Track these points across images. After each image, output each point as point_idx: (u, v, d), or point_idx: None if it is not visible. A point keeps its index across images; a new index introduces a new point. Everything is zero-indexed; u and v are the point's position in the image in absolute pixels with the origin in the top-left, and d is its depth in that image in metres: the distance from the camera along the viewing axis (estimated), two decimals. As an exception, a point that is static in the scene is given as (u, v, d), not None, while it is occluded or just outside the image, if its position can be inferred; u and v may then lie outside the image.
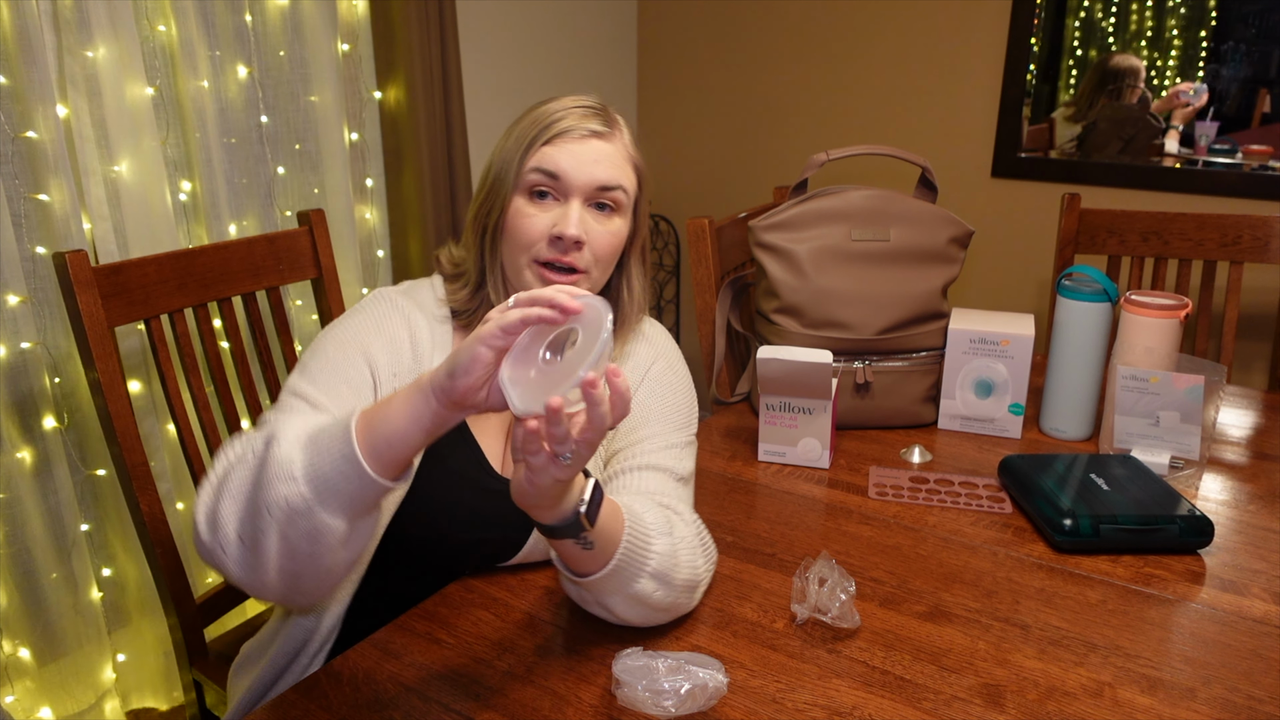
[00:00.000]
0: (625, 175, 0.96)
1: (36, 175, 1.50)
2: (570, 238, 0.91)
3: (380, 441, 0.70)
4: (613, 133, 0.97)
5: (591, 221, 0.94)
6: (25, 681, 1.61)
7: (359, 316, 0.96)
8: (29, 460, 1.56)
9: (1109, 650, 0.87)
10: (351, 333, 0.94)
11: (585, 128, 0.94)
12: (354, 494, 0.71)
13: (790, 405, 1.24)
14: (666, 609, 0.87)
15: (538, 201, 0.94)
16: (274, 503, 0.71)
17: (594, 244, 0.93)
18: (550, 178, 0.93)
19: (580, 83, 2.74)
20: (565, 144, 0.93)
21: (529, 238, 0.93)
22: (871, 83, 2.53)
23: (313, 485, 0.70)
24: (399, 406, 0.71)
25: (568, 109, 0.95)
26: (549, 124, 0.94)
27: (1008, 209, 2.40)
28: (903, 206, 1.35)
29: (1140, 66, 2.15)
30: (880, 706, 0.79)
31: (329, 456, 0.71)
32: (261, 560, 0.73)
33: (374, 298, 0.99)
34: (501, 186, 0.95)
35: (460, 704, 0.80)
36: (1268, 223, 1.70)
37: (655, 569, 0.84)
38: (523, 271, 0.94)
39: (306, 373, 0.91)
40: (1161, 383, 1.19)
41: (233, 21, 1.77)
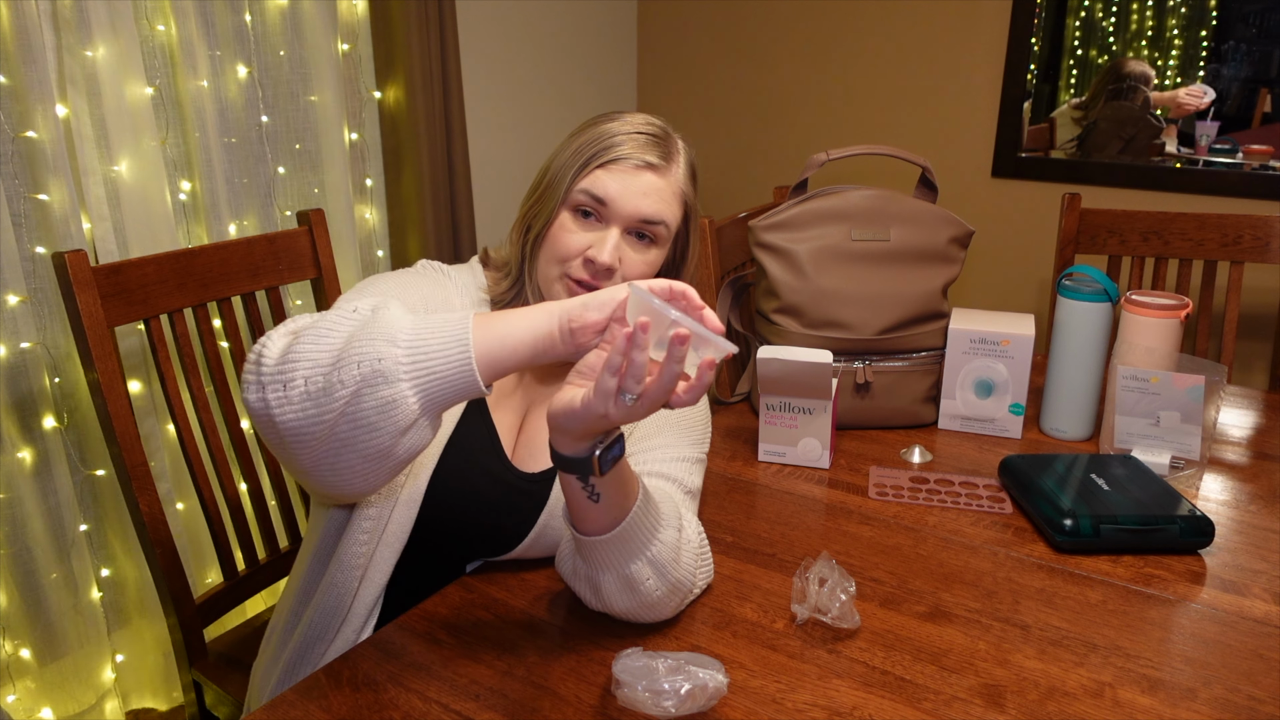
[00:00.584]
0: (670, 210, 0.98)
1: (36, 175, 1.50)
2: (602, 265, 0.93)
3: (494, 340, 0.71)
4: (669, 166, 0.98)
5: (629, 250, 0.96)
6: (26, 681, 1.61)
7: (411, 275, 0.99)
8: (29, 460, 1.56)
9: (1109, 650, 0.87)
10: (407, 283, 0.96)
11: (641, 158, 0.96)
12: (445, 377, 0.70)
13: (790, 405, 1.24)
14: (652, 605, 0.87)
15: (581, 220, 0.96)
16: (366, 357, 0.68)
17: (627, 271, 0.96)
18: (597, 202, 0.95)
19: (580, 83, 2.74)
20: (618, 171, 0.95)
21: (565, 253, 0.95)
22: (871, 83, 2.53)
23: (411, 354, 0.69)
24: (521, 316, 0.72)
25: (629, 134, 0.96)
26: (607, 146, 0.96)
27: (1008, 209, 2.40)
28: (903, 206, 1.35)
29: (1150, 73, 2.15)
30: (880, 707, 0.79)
31: (439, 334, 0.70)
32: (319, 414, 0.69)
33: (422, 266, 1.02)
34: (551, 197, 0.97)
35: (460, 704, 0.80)
36: (1268, 223, 1.70)
37: (654, 555, 0.84)
38: (553, 283, 0.97)
39: (363, 294, 0.90)
40: (1162, 383, 1.19)
41: (232, 21, 1.77)
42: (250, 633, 1.32)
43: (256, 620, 1.36)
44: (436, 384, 0.70)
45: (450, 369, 0.70)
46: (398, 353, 0.69)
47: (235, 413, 1.34)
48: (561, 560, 0.91)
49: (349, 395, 0.68)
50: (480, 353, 0.70)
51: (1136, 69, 2.17)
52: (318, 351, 0.70)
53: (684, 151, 1.02)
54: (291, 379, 0.70)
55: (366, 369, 0.68)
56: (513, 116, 2.52)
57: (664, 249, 1.00)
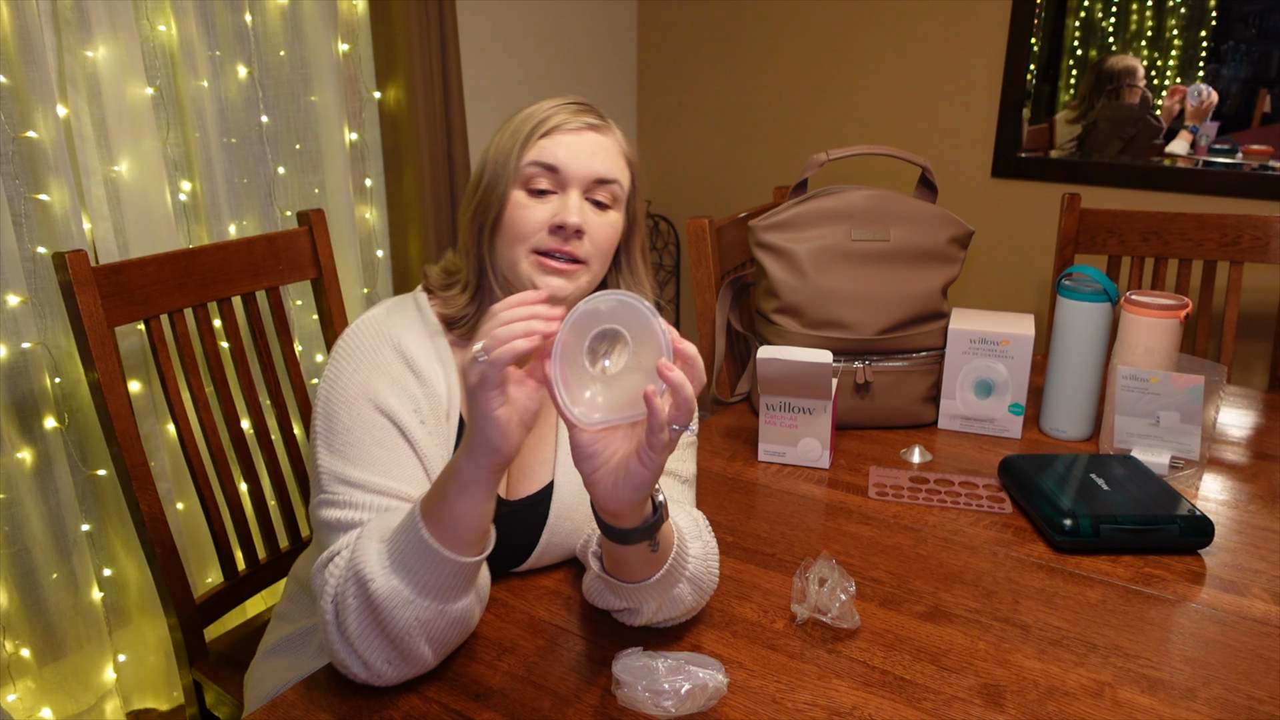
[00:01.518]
0: (621, 170, 0.96)
1: (37, 175, 1.50)
2: (572, 225, 0.90)
3: (460, 531, 0.75)
4: (607, 126, 0.97)
5: (590, 214, 0.93)
6: (26, 681, 1.61)
7: (352, 364, 0.92)
8: (29, 460, 1.56)
9: (1109, 650, 0.87)
10: (355, 387, 0.91)
11: (581, 120, 0.94)
12: (467, 576, 0.78)
13: (790, 405, 1.24)
14: (687, 612, 0.90)
15: (536, 195, 0.93)
16: (408, 626, 0.77)
17: (594, 235, 0.93)
18: (548, 170, 0.92)
19: (580, 83, 2.74)
20: (562, 136, 0.93)
21: (528, 228, 0.92)
22: (871, 83, 2.53)
23: (432, 595, 0.76)
24: (455, 495, 0.74)
25: (560, 105, 0.95)
26: (545, 118, 0.93)
27: (1008, 209, 2.40)
28: (903, 206, 1.35)
29: (1138, 66, 2.15)
30: (880, 706, 0.79)
31: (429, 570, 0.75)
32: (418, 662, 0.80)
33: (357, 332, 0.95)
34: (498, 183, 0.94)
35: (460, 704, 0.80)
36: (1268, 223, 1.70)
37: (692, 573, 0.87)
38: (519, 264, 0.92)
39: (334, 449, 0.89)
40: (1161, 383, 1.19)
41: (233, 21, 1.77)
42: (251, 632, 1.32)
43: (257, 620, 1.36)
44: (464, 582, 0.78)
45: (463, 574, 0.77)
46: (421, 604, 0.77)
47: (235, 413, 1.34)
48: (591, 595, 0.91)
49: (426, 642, 0.79)
50: (464, 546, 0.76)
51: (1121, 64, 2.17)
52: (374, 644, 0.79)
53: (614, 121, 1.00)
54: (381, 673, 0.80)
55: (419, 629, 0.78)
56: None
57: (621, 211, 0.97)
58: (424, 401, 0.92)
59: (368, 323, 0.96)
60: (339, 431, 0.89)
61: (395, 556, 0.76)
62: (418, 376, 0.93)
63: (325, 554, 0.83)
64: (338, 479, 0.87)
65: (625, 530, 0.78)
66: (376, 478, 0.87)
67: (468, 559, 0.76)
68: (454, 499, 0.74)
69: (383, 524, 0.80)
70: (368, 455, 0.87)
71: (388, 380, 0.91)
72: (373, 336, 0.94)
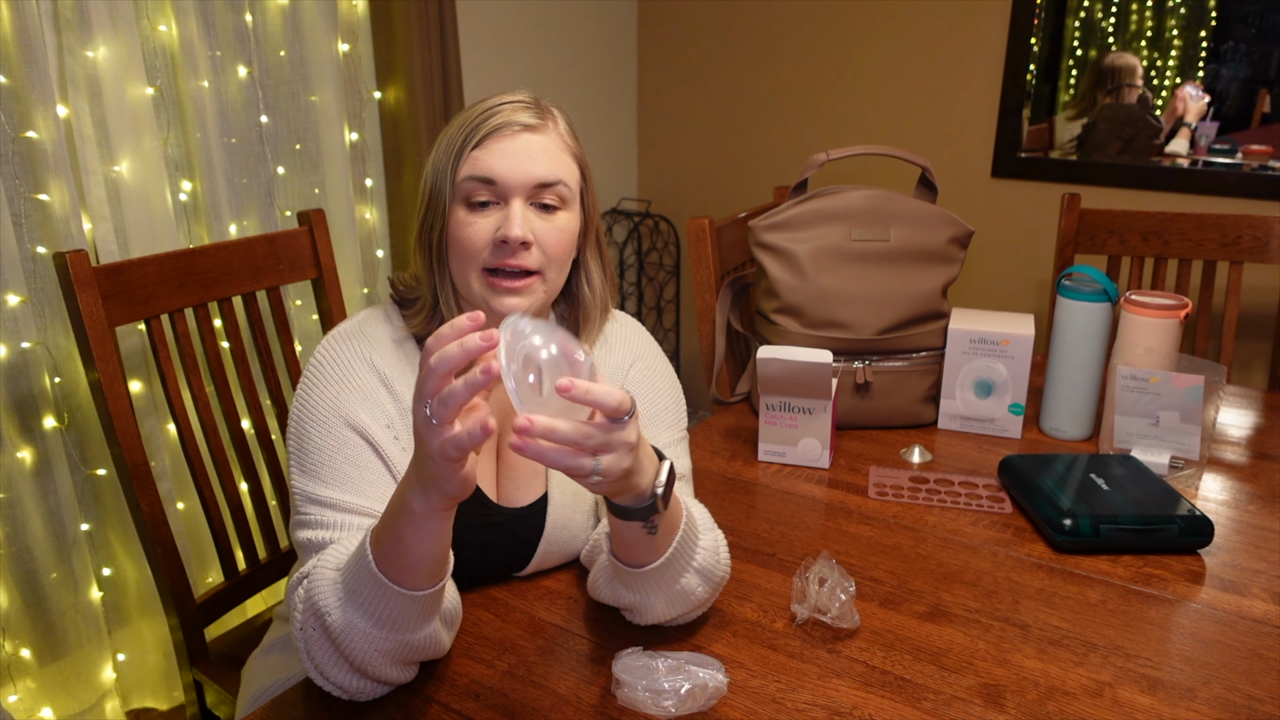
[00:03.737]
0: (565, 168, 0.90)
1: (37, 175, 1.50)
2: (515, 239, 0.86)
3: (413, 563, 0.72)
4: (546, 124, 0.91)
5: (537, 220, 0.88)
6: (26, 681, 1.61)
7: (323, 382, 0.90)
8: (29, 460, 1.56)
9: (1109, 650, 0.87)
10: (326, 405, 0.88)
11: (516, 122, 0.88)
12: (425, 607, 0.75)
13: (790, 405, 1.24)
14: (698, 605, 0.88)
15: (478, 210, 0.88)
16: (369, 656, 0.75)
17: (543, 243, 0.88)
18: (485, 183, 0.87)
19: (580, 83, 2.74)
20: (496, 144, 0.87)
21: (473, 247, 0.88)
22: (871, 83, 2.53)
23: (389, 627, 0.74)
24: (409, 533, 0.71)
25: (494, 107, 0.90)
26: (476, 125, 0.88)
27: (1008, 209, 2.40)
28: (903, 206, 1.35)
29: (1136, 64, 2.15)
30: (880, 706, 0.79)
31: (383, 604, 0.73)
32: (391, 682, 0.80)
33: (328, 349, 0.92)
34: (439, 200, 0.90)
35: (460, 704, 0.80)
36: (1267, 223, 1.70)
37: (700, 564, 0.85)
38: (471, 284, 0.89)
39: (306, 470, 0.87)
40: (1161, 383, 1.20)
41: (233, 21, 1.77)
42: (251, 632, 1.32)
43: (257, 620, 1.36)
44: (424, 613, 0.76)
45: (420, 606, 0.74)
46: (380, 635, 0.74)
47: (235, 412, 1.34)
48: (597, 588, 0.90)
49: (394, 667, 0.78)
50: (420, 579, 0.73)
51: (1120, 62, 2.17)
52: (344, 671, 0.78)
53: (559, 112, 0.94)
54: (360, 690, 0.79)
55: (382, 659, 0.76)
56: (513, 116, 2.52)
57: (573, 212, 0.92)
58: (396, 415, 0.90)
59: (339, 338, 0.93)
60: (311, 451, 0.87)
61: (349, 589, 0.74)
62: (389, 390, 0.91)
63: (296, 575, 0.82)
64: (311, 499, 0.85)
65: (622, 507, 0.76)
66: (349, 497, 0.85)
67: (422, 591, 0.73)
68: (408, 538, 0.71)
69: (340, 551, 0.79)
70: (340, 474, 0.86)
71: (359, 396, 0.89)
72: (345, 353, 0.91)
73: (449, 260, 0.91)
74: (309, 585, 0.77)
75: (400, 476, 0.88)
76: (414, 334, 0.94)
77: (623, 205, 2.98)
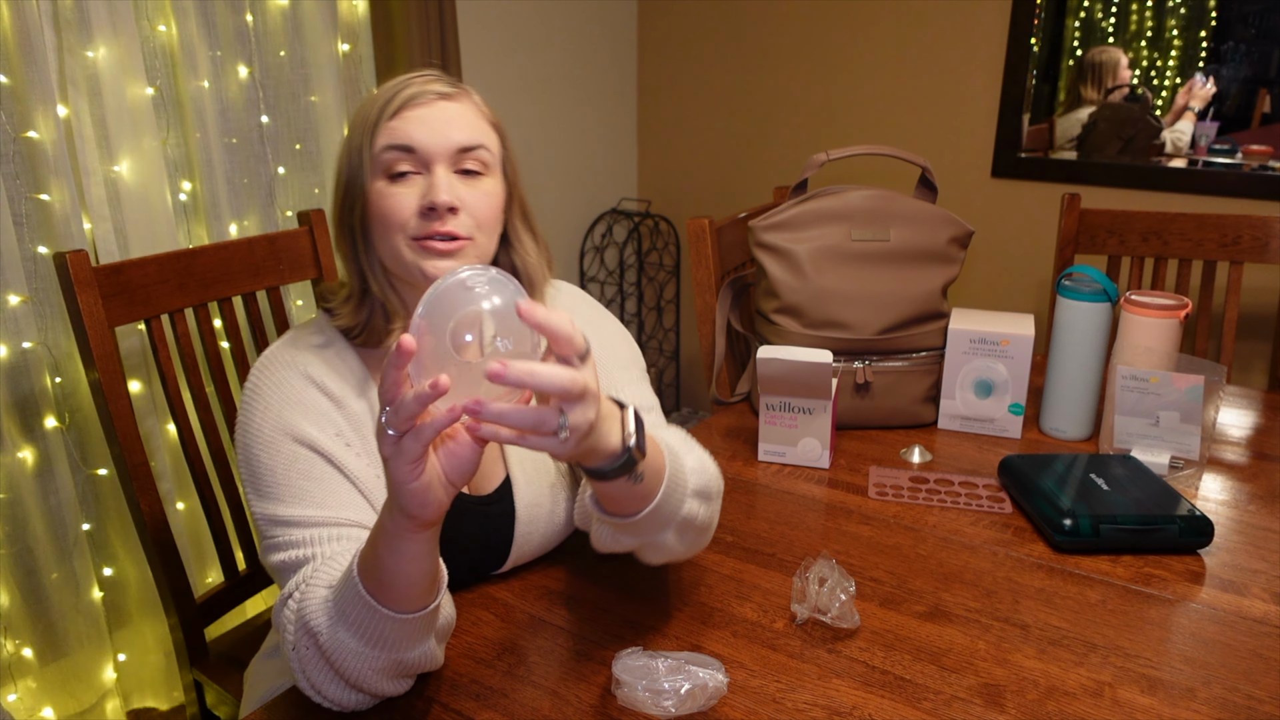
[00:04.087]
0: (484, 133, 0.89)
1: (37, 175, 1.50)
2: (443, 204, 0.84)
3: (399, 586, 0.70)
4: (460, 93, 0.90)
5: (461, 186, 0.86)
6: (27, 681, 1.61)
7: (261, 402, 0.88)
8: (30, 460, 1.56)
9: (1109, 650, 0.87)
10: (269, 425, 0.86)
11: (430, 91, 0.87)
12: (417, 628, 0.73)
13: (790, 405, 1.24)
14: (706, 529, 0.87)
15: (400, 180, 0.86)
16: (363, 674, 0.74)
17: (471, 208, 0.86)
18: (405, 151, 0.85)
19: (580, 83, 2.74)
20: (412, 112, 0.86)
21: (399, 218, 0.85)
22: (871, 83, 2.53)
23: (382, 646, 0.73)
24: (387, 554, 0.69)
25: (406, 79, 0.88)
26: (390, 97, 0.87)
27: (1008, 209, 2.40)
28: (903, 206, 1.35)
29: (1120, 57, 2.15)
30: (880, 706, 0.79)
31: (373, 625, 0.72)
32: (389, 694, 0.78)
33: (260, 370, 0.90)
34: (357, 178, 0.87)
35: (460, 704, 0.80)
36: (1267, 223, 1.70)
37: (695, 487, 0.83)
38: (401, 253, 0.86)
39: (262, 493, 0.85)
40: (1161, 383, 1.20)
41: (233, 21, 1.77)
42: (251, 632, 1.32)
43: (257, 620, 1.36)
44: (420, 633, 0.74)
45: (412, 627, 0.73)
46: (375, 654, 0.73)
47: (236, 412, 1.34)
48: (602, 542, 0.86)
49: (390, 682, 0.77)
50: (408, 602, 0.71)
51: (1100, 56, 2.18)
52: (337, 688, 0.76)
53: (471, 88, 0.93)
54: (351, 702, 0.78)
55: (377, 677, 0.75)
56: (513, 117, 2.52)
57: (496, 178, 0.90)
58: (344, 424, 0.88)
59: (271, 356, 0.91)
60: (262, 474, 0.85)
61: (339, 609, 0.73)
62: (332, 399, 0.89)
63: (281, 596, 0.80)
64: (274, 522, 0.83)
65: (600, 469, 0.71)
66: (311, 510, 0.83)
67: (412, 614, 0.71)
68: (386, 558, 0.69)
69: (330, 568, 0.77)
70: (296, 490, 0.84)
71: (301, 410, 0.87)
72: (278, 369, 0.89)
73: (374, 238, 0.88)
74: (301, 604, 0.76)
75: (360, 482, 0.87)
76: (343, 327, 0.92)
77: (623, 205, 2.98)
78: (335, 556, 0.80)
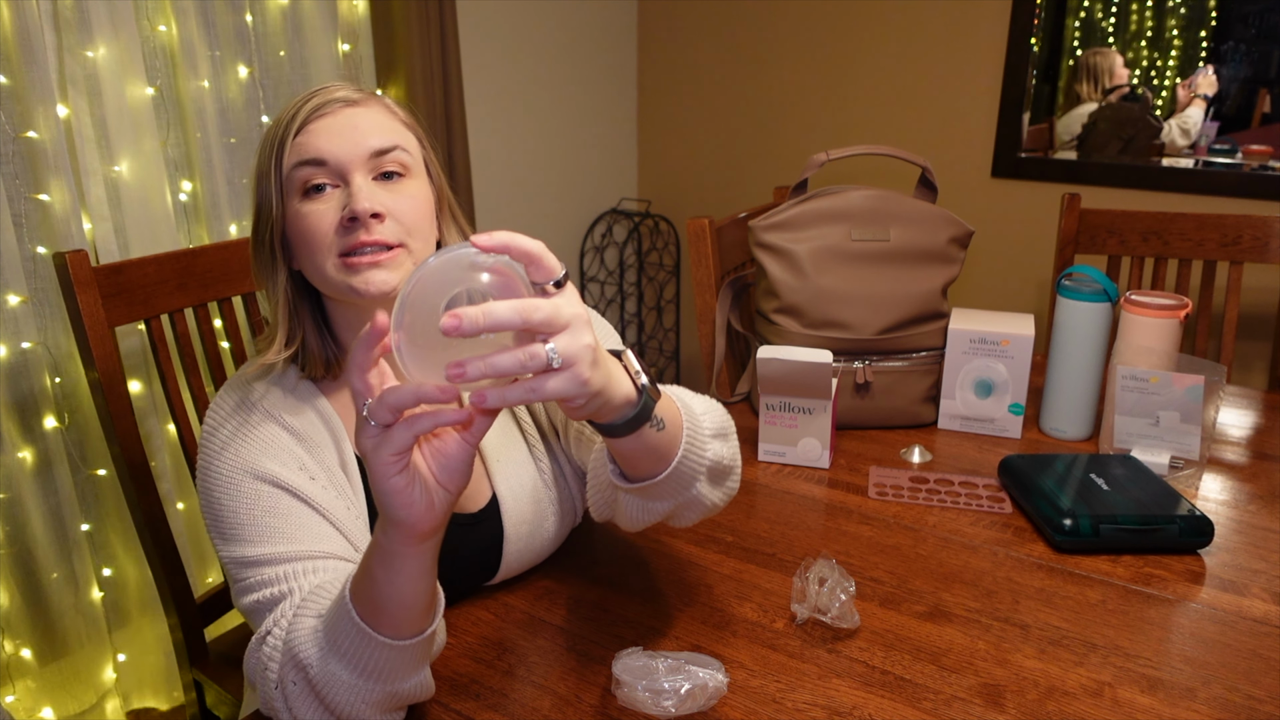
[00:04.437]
0: (399, 134, 0.84)
1: (37, 175, 1.50)
2: (364, 210, 0.79)
3: (394, 610, 0.67)
4: (367, 98, 0.85)
5: (383, 193, 0.82)
6: (27, 681, 1.61)
7: (217, 443, 0.84)
8: (30, 460, 1.56)
9: (1109, 650, 0.87)
10: (227, 466, 0.82)
11: (335, 100, 0.83)
12: (413, 656, 0.71)
13: (790, 405, 1.24)
14: (731, 467, 0.83)
15: (315, 197, 0.81)
16: (355, 708, 0.71)
17: (397, 214, 0.82)
18: (317, 165, 0.80)
19: (580, 82, 2.74)
20: (319, 123, 0.81)
21: (320, 236, 0.80)
22: (871, 83, 2.53)
23: (375, 678, 0.70)
24: (381, 575, 0.66)
25: (310, 93, 0.84)
26: (294, 114, 0.82)
27: (1008, 209, 2.40)
28: (903, 206, 1.35)
29: (1115, 57, 2.16)
30: (880, 706, 0.79)
31: (367, 655, 0.69)
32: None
33: (212, 412, 0.86)
34: (269, 203, 0.82)
35: (460, 704, 0.80)
36: (1268, 223, 1.70)
37: (713, 428, 0.80)
38: (329, 276, 0.81)
39: (227, 537, 0.81)
40: (1161, 383, 1.20)
41: (233, 21, 1.77)
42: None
43: (257, 620, 1.36)
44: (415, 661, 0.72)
45: (408, 655, 0.70)
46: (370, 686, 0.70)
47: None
48: (632, 519, 0.82)
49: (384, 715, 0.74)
50: (402, 628, 0.68)
51: (1097, 58, 2.18)
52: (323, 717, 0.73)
53: (380, 93, 0.90)
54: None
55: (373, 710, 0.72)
56: (513, 116, 2.52)
57: (420, 180, 0.86)
58: (307, 457, 0.84)
59: (224, 395, 0.87)
60: (225, 517, 0.81)
61: (330, 639, 0.69)
62: (292, 433, 0.85)
63: (256, 637, 0.77)
64: (243, 564, 0.79)
65: (621, 422, 0.67)
66: (281, 547, 0.79)
67: (408, 641, 0.69)
68: (381, 580, 0.65)
69: (319, 597, 0.74)
70: (262, 528, 0.80)
71: (259, 446, 0.83)
72: (228, 409, 0.86)
73: (299, 263, 0.84)
74: (289, 635, 0.72)
75: (330, 514, 0.83)
76: (285, 357, 0.86)
77: (623, 205, 2.98)
78: (323, 587, 0.75)
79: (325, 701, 0.71)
